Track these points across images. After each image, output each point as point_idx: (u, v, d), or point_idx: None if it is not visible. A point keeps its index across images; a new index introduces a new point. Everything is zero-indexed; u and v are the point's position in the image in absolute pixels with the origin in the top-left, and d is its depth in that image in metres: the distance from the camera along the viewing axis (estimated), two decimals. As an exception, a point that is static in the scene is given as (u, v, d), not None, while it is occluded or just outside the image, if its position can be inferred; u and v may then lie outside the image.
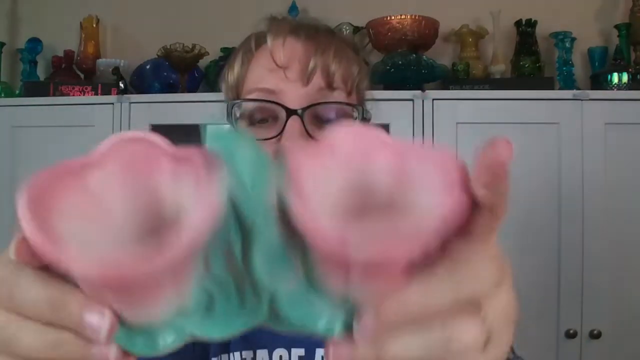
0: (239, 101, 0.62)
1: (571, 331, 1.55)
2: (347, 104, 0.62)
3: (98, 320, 0.25)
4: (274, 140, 0.60)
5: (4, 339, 0.26)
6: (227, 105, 0.65)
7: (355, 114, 0.62)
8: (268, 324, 0.28)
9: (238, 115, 0.62)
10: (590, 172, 1.57)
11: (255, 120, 0.61)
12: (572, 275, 1.57)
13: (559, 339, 1.56)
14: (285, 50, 0.60)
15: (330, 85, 0.60)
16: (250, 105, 0.62)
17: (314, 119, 0.60)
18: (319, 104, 0.60)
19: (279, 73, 0.60)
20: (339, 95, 0.61)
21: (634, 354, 1.56)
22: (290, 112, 0.59)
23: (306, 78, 0.59)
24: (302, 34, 0.62)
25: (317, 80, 0.60)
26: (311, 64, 0.59)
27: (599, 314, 1.56)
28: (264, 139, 0.60)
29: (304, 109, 0.59)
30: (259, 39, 0.64)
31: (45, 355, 0.26)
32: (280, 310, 0.27)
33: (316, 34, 0.63)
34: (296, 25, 0.64)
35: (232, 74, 0.65)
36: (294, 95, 0.59)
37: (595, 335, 1.54)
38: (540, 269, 1.58)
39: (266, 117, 0.61)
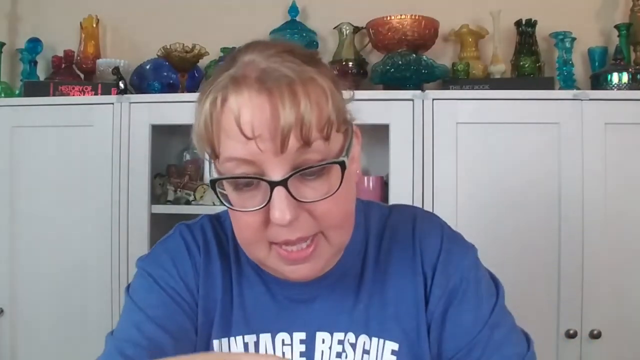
0: (222, 178, 0.62)
1: (571, 331, 1.55)
2: (330, 163, 0.61)
3: None
4: (261, 210, 0.60)
5: None
6: (210, 169, 0.65)
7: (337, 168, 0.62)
8: None
9: (223, 183, 0.63)
10: (590, 172, 1.57)
11: (240, 185, 0.61)
12: (572, 275, 1.56)
13: (559, 339, 1.56)
14: (252, 117, 0.58)
15: (307, 142, 0.58)
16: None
17: (299, 174, 0.60)
18: (300, 170, 0.59)
19: (251, 145, 0.58)
20: (318, 146, 0.59)
21: (634, 354, 1.56)
22: (273, 185, 0.59)
23: (279, 148, 0.58)
24: (269, 82, 0.58)
25: (292, 142, 0.58)
26: (283, 129, 0.57)
27: (599, 314, 1.56)
28: (251, 210, 0.60)
29: (286, 179, 0.59)
30: (225, 92, 0.60)
31: None
32: None
33: (280, 84, 0.58)
34: (260, 73, 0.59)
35: (199, 124, 0.62)
36: (273, 165, 0.59)
37: (595, 335, 1.54)
38: (540, 269, 1.58)
39: (250, 181, 0.61)
